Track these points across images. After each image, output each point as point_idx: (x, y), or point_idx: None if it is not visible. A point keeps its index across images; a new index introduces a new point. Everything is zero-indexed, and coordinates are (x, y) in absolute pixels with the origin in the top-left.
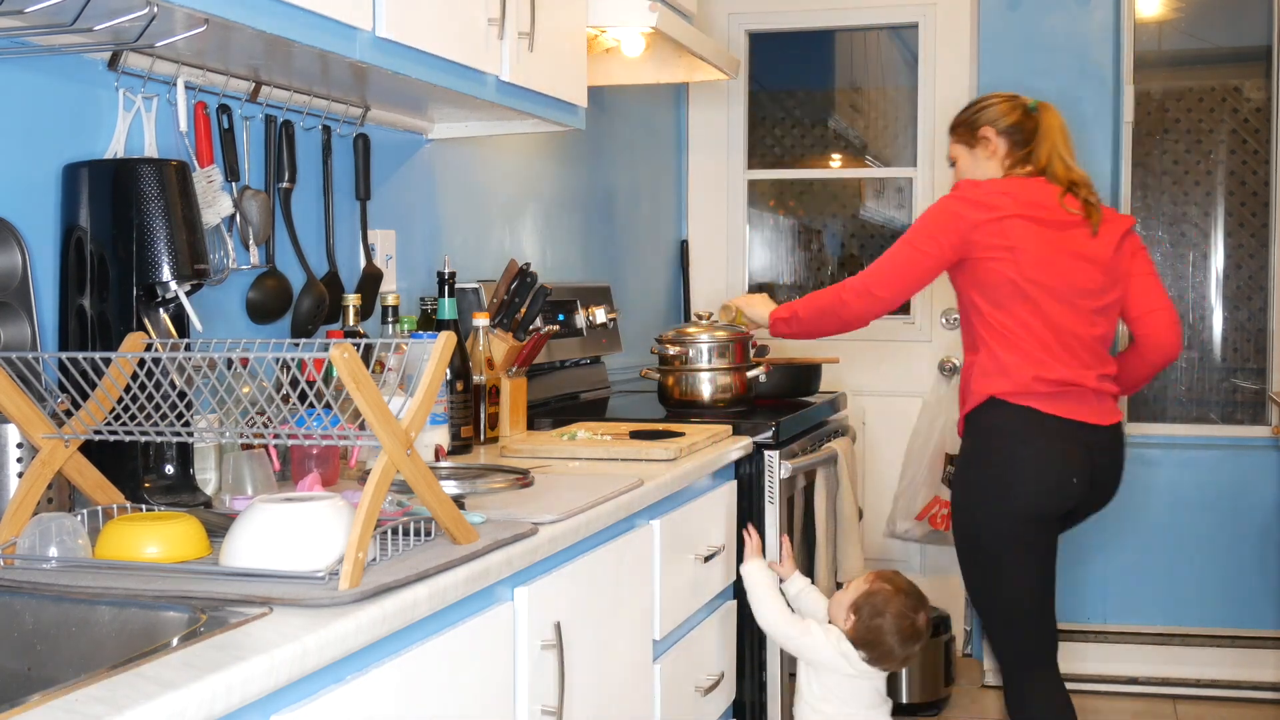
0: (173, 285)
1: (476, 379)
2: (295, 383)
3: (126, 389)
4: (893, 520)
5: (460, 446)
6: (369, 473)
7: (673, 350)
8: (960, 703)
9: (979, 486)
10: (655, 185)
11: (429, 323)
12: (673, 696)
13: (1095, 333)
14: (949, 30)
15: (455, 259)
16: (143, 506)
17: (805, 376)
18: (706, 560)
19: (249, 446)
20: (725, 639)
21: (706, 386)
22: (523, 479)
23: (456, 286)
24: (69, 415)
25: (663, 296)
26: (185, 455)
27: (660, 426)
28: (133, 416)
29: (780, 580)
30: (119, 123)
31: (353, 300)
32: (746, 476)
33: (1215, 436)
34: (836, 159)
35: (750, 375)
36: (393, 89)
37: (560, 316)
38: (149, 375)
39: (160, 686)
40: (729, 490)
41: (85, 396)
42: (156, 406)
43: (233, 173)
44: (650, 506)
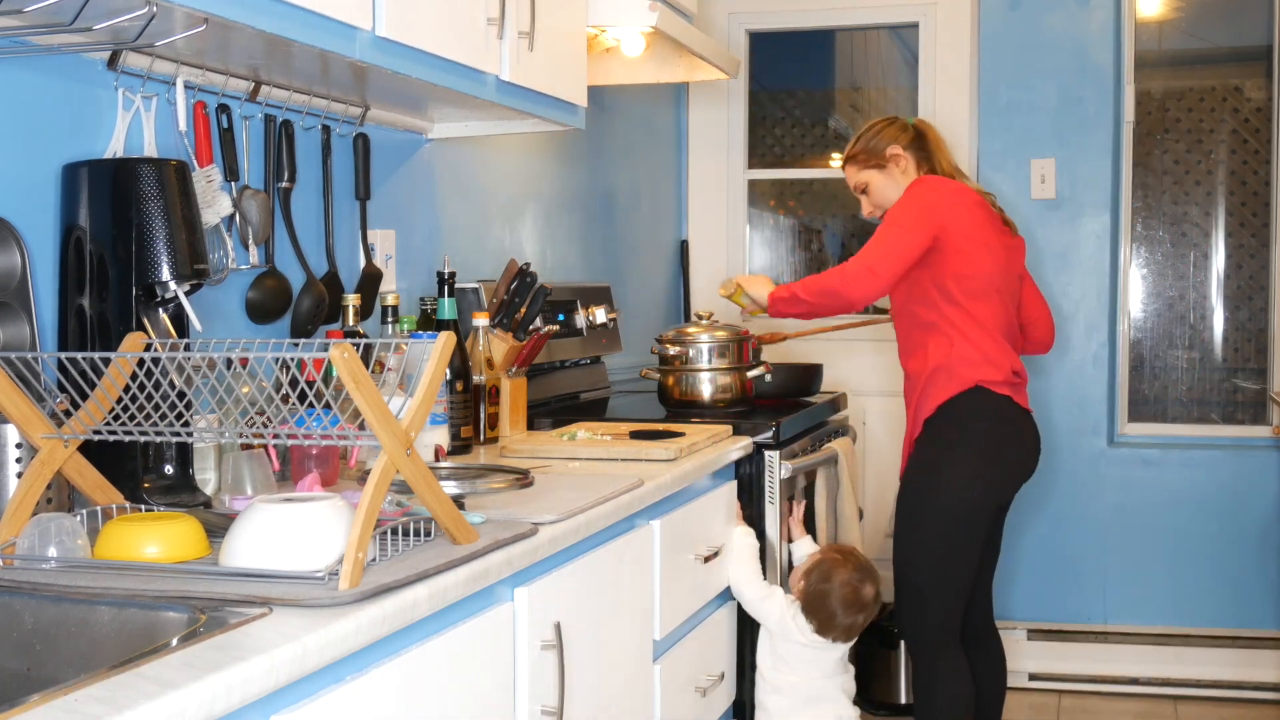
0: (172, 285)
1: (476, 379)
2: (295, 383)
3: (126, 389)
4: (893, 520)
5: (460, 446)
6: (369, 473)
7: (673, 350)
8: None
9: (966, 466)
10: (655, 185)
11: (429, 323)
12: (673, 696)
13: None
14: (949, 30)
15: (455, 259)
16: (142, 506)
17: (806, 376)
18: (706, 560)
19: (249, 446)
20: (725, 639)
21: (706, 386)
22: (523, 479)
23: (456, 286)
24: (68, 415)
25: (663, 296)
26: (185, 455)
27: (660, 426)
28: (132, 417)
29: (790, 541)
30: (118, 122)
31: (352, 300)
32: (747, 477)
33: (1216, 437)
34: (836, 159)
35: (753, 375)
36: (392, 89)
37: (560, 316)
38: (148, 375)
39: (160, 686)
40: (729, 490)
41: (85, 396)
42: (156, 407)
43: (232, 172)
44: (650, 506)
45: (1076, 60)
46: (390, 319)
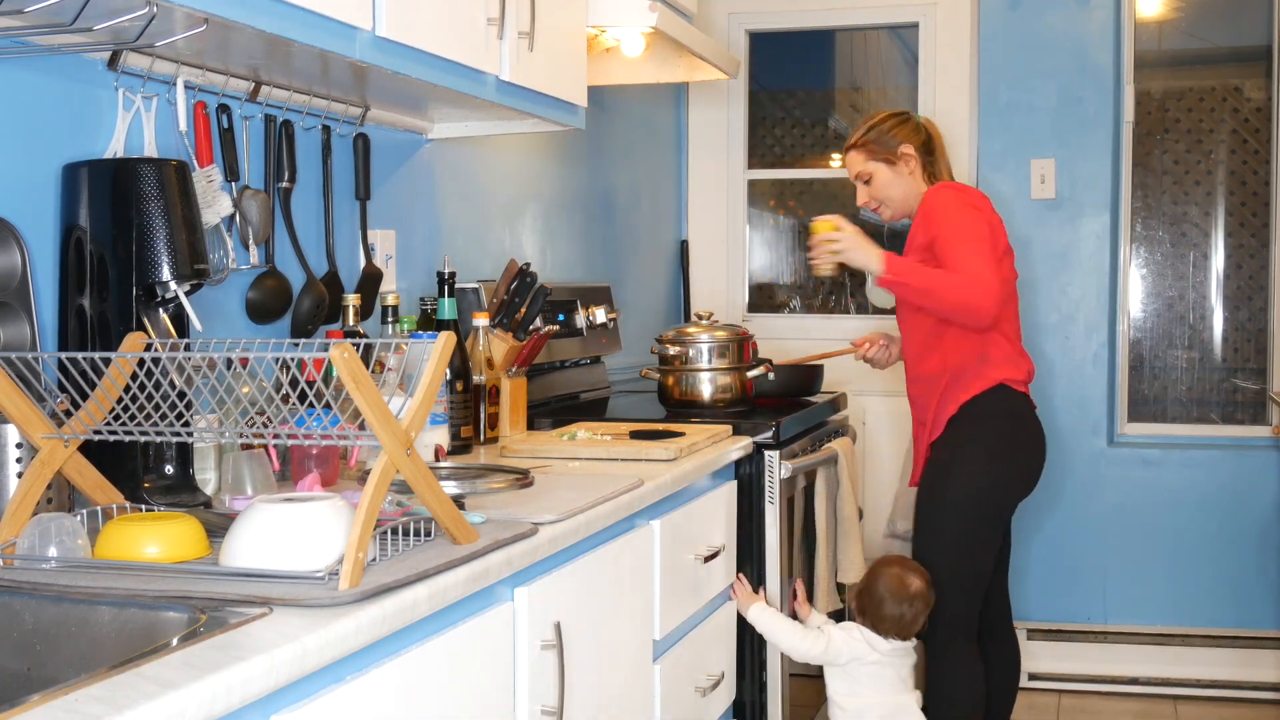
0: (172, 285)
1: (476, 379)
2: (295, 383)
3: (126, 389)
4: (893, 520)
5: (460, 446)
6: (369, 473)
7: (673, 350)
8: None
9: (987, 460)
10: (655, 185)
11: (429, 323)
12: (673, 696)
13: None
14: (949, 30)
15: (455, 259)
16: (142, 506)
17: (806, 376)
18: (706, 560)
19: (249, 446)
20: (725, 639)
21: (706, 386)
22: (523, 479)
23: (456, 286)
24: (68, 415)
25: (663, 296)
26: (185, 455)
27: (660, 426)
28: (132, 416)
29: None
30: (119, 122)
31: (353, 300)
32: (747, 476)
33: (1216, 436)
34: (836, 159)
35: (753, 375)
36: (392, 89)
37: (560, 316)
38: (148, 375)
39: (160, 686)
40: (729, 490)
41: (85, 396)
42: (156, 407)
43: (232, 172)
44: (650, 506)
45: (1076, 60)
46: (390, 319)
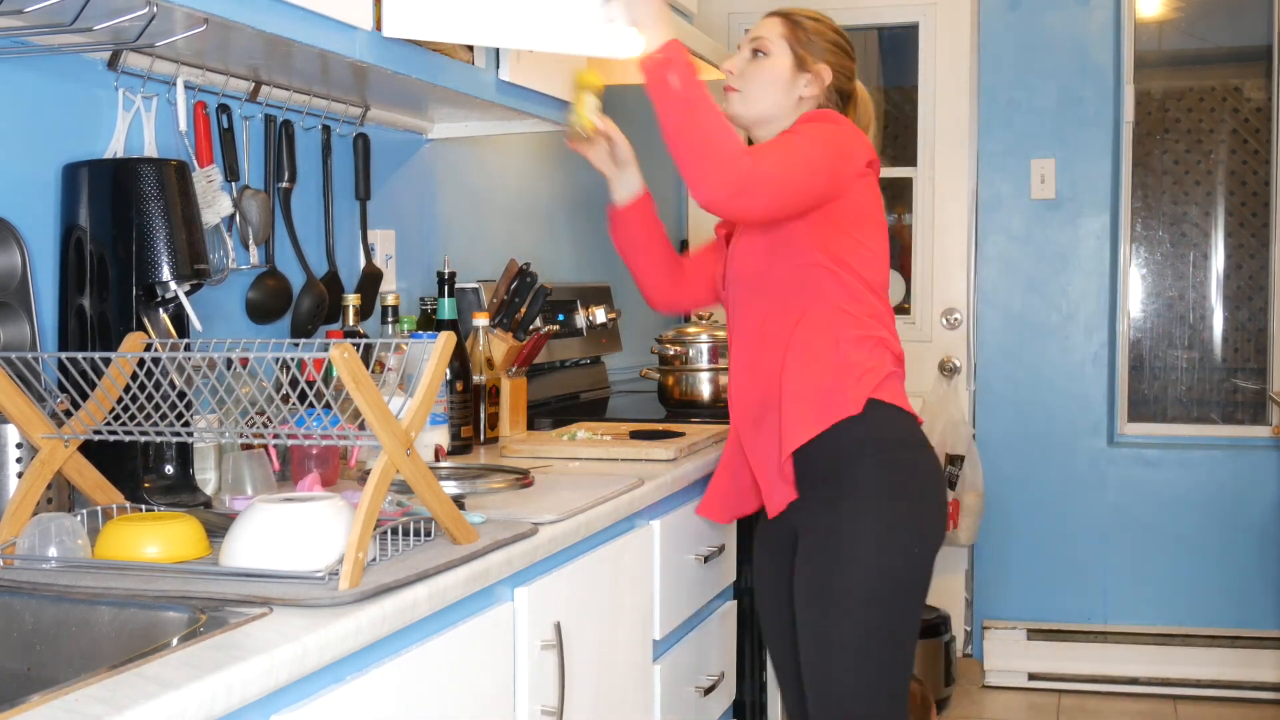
0: (172, 285)
1: (476, 379)
2: (295, 383)
3: (126, 389)
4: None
5: (460, 446)
6: (369, 473)
7: (673, 350)
8: (960, 703)
9: (918, 517)
10: (655, 185)
11: (429, 323)
12: (673, 696)
13: None
14: (949, 30)
15: (455, 259)
16: (142, 506)
17: None
18: (706, 560)
19: (249, 446)
20: (725, 639)
21: (706, 386)
22: (523, 479)
23: (456, 286)
24: (68, 415)
25: None
26: (185, 455)
27: (660, 426)
28: (132, 416)
29: None
30: (119, 122)
31: (353, 300)
32: None
33: (1215, 436)
34: None
35: None
36: (392, 88)
37: (560, 316)
38: (149, 375)
39: (160, 686)
40: None
41: (85, 396)
42: (156, 407)
43: (232, 172)
44: (650, 506)
45: (1076, 60)
46: (390, 319)
